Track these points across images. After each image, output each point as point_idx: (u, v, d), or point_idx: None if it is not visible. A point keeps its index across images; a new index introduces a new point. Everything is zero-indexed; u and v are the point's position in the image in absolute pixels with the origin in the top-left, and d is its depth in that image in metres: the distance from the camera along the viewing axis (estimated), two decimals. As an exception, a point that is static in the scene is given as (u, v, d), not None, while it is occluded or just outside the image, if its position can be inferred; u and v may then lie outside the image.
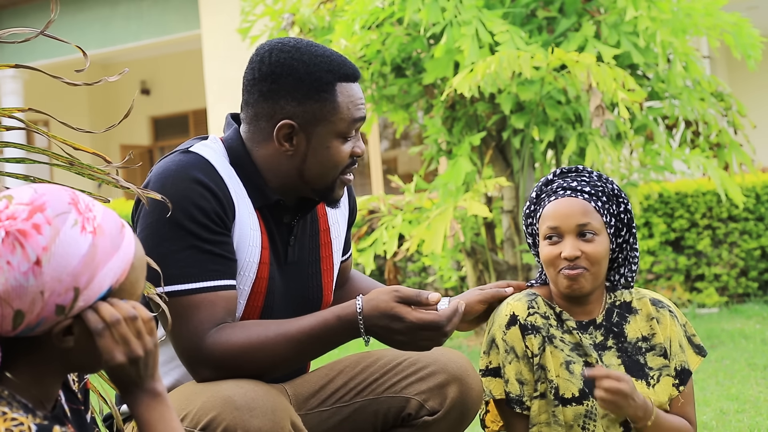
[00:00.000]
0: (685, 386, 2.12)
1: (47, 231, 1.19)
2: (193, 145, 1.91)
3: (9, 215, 1.20)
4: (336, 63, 1.88)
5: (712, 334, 5.84)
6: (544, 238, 2.08)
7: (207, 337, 1.76)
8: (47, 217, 1.20)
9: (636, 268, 2.16)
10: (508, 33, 4.93)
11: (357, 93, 1.90)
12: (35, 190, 1.23)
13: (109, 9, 11.96)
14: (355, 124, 1.90)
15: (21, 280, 1.18)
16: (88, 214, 1.24)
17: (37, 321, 1.21)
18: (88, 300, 1.23)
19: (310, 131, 1.88)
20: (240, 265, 1.87)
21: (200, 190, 1.81)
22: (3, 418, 1.16)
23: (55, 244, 1.19)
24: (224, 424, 1.66)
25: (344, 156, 1.90)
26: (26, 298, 1.19)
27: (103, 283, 1.24)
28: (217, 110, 11.18)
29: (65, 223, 1.21)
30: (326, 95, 1.86)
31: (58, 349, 1.26)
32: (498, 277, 5.74)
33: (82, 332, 1.25)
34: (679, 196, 7.53)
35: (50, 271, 1.19)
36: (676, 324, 2.15)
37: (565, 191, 2.08)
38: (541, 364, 2.07)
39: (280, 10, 6.19)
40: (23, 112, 1.72)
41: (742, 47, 5.46)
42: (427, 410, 1.93)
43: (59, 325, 1.22)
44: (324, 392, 1.98)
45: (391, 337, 1.79)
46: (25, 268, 1.18)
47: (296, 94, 1.86)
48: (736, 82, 11.66)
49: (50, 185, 1.27)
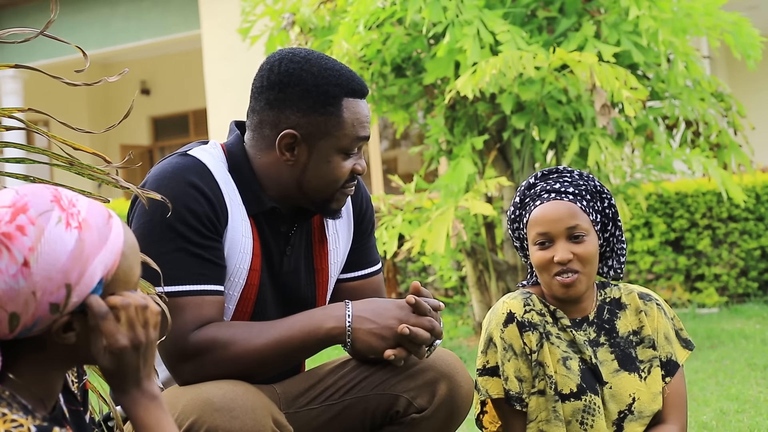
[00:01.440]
0: (672, 378, 2.14)
1: (31, 231, 1.19)
2: (192, 148, 1.92)
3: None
4: (345, 78, 1.88)
5: (712, 334, 5.84)
6: (534, 243, 2.10)
7: (191, 335, 1.78)
8: (30, 218, 1.20)
9: (624, 259, 2.19)
10: (509, 33, 4.93)
11: (363, 111, 1.90)
12: (17, 192, 1.23)
13: (109, 9, 11.95)
14: (359, 142, 1.90)
15: (11, 283, 1.18)
16: (72, 210, 1.23)
17: (33, 321, 1.21)
18: (81, 295, 1.23)
19: (312, 143, 1.88)
20: (230, 270, 1.87)
21: (194, 194, 1.81)
22: (3, 419, 1.16)
23: (41, 244, 1.19)
24: (205, 426, 1.67)
25: (344, 172, 1.90)
26: (19, 300, 1.18)
27: (95, 276, 1.23)
28: (217, 110, 11.17)
29: (49, 222, 1.20)
30: (332, 109, 1.86)
31: (60, 346, 1.25)
32: (498, 277, 5.74)
33: (83, 326, 1.25)
34: (679, 196, 7.53)
35: (39, 271, 1.19)
36: (663, 316, 2.18)
37: (549, 194, 2.09)
38: (539, 361, 2.08)
39: (281, 10, 6.18)
40: (23, 112, 1.72)
41: (742, 47, 5.45)
42: (416, 407, 1.93)
43: (57, 322, 1.22)
44: (313, 391, 1.99)
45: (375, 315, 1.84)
46: (13, 270, 1.18)
47: (302, 105, 1.86)
48: (736, 82, 11.65)
49: (32, 185, 1.26)
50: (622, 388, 2.11)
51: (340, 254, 2.07)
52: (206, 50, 11.29)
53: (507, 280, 5.71)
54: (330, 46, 5.54)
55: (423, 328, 1.83)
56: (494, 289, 5.75)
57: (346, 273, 2.11)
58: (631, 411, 2.10)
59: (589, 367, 2.10)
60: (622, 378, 2.11)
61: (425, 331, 1.83)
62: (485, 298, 5.93)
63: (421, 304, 1.85)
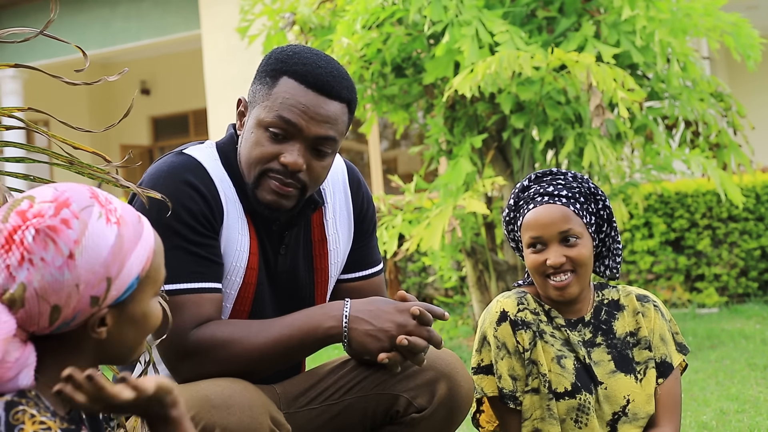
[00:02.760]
0: (666, 379, 2.13)
1: (76, 225, 1.21)
2: (187, 147, 1.92)
3: (35, 213, 1.21)
4: (302, 63, 1.84)
5: (712, 334, 5.84)
6: (528, 246, 2.11)
7: (190, 333, 1.78)
8: (74, 212, 1.22)
9: (620, 259, 2.19)
10: (507, 33, 4.93)
11: (303, 97, 1.82)
12: (55, 188, 1.26)
13: (109, 9, 11.95)
14: (281, 123, 1.82)
15: (56, 275, 1.20)
16: (110, 206, 1.26)
17: (73, 315, 1.22)
18: (119, 289, 1.25)
19: (249, 111, 1.89)
20: (227, 269, 1.87)
21: (189, 192, 1.82)
22: (32, 420, 1.17)
23: (86, 237, 1.21)
24: (202, 423, 1.67)
25: (263, 151, 1.84)
26: (62, 293, 1.20)
27: (132, 271, 1.26)
28: (217, 110, 11.17)
29: (92, 216, 1.23)
30: (269, 80, 1.86)
31: (89, 343, 1.27)
32: (498, 277, 5.74)
33: (115, 322, 1.27)
34: (679, 196, 7.53)
35: (84, 264, 1.21)
36: (660, 318, 2.18)
37: (542, 197, 2.10)
38: (532, 359, 2.08)
39: (279, 10, 6.19)
40: (23, 111, 1.72)
41: (742, 48, 5.45)
42: (415, 407, 1.93)
43: (94, 316, 1.24)
44: (313, 391, 1.99)
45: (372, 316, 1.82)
46: (59, 263, 1.20)
47: (256, 75, 1.89)
48: (735, 83, 11.65)
49: (68, 183, 1.29)
50: (616, 389, 2.10)
51: (340, 254, 2.06)
52: (206, 50, 11.29)
53: (507, 280, 5.71)
54: (330, 45, 5.54)
55: (421, 337, 1.82)
56: (494, 289, 5.75)
57: (347, 273, 2.10)
58: (625, 413, 2.09)
59: (584, 366, 2.11)
60: (618, 379, 2.11)
61: (423, 340, 1.82)
62: (485, 298, 5.93)
63: (425, 315, 1.82)
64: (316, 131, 1.84)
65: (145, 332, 1.31)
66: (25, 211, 1.22)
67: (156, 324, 1.33)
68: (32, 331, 1.22)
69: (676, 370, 2.16)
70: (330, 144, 1.86)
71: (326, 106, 1.84)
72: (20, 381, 1.20)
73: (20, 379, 1.20)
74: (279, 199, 1.87)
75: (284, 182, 1.85)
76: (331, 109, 1.84)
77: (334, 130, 1.85)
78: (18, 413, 1.17)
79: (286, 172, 1.84)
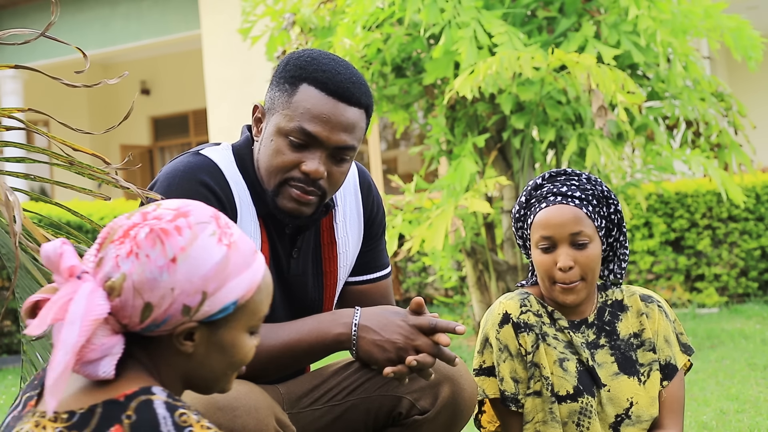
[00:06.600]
0: (670, 382, 2.12)
1: (187, 234, 1.26)
2: (204, 148, 1.92)
3: (156, 216, 1.27)
4: (322, 70, 1.83)
5: (712, 334, 5.84)
6: (537, 246, 2.08)
7: None
8: (189, 222, 1.27)
9: (625, 264, 2.17)
10: (506, 34, 4.92)
11: (324, 106, 1.81)
12: (184, 202, 1.31)
13: (109, 9, 11.96)
14: (303, 132, 1.81)
15: (156, 273, 1.23)
16: (227, 230, 1.30)
17: (164, 318, 1.25)
18: (213, 306, 1.27)
19: (268, 119, 1.88)
20: None
21: (204, 192, 1.81)
22: (199, 424, 1.21)
23: (192, 247, 1.25)
24: None
25: (284, 160, 1.83)
26: (157, 292, 1.23)
27: (230, 295, 1.28)
28: (217, 110, 11.17)
29: (204, 231, 1.27)
30: (288, 86, 1.84)
31: (178, 358, 1.29)
32: (498, 277, 5.74)
33: (203, 341, 1.29)
34: (679, 196, 7.53)
35: (183, 271, 1.24)
36: (664, 318, 2.16)
37: (555, 197, 2.07)
38: (534, 362, 2.07)
39: (281, 10, 6.18)
40: (23, 112, 1.72)
41: (742, 49, 5.45)
42: (418, 409, 1.93)
43: (182, 326, 1.26)
44: (317, 391, 1.99)
45: (381, 326, 1.81)
46: (161, 262, 1.23)
47: (273, 81, 1.87)
48: (736, 83, 11.66)
49: (198, 202, 1.33)
50: (620, 391, 2.09)
51: (349, 257, 2.05)
52: (206, 50, 11.29)
53: (507, 280, 5.71)
54: (330, 46, 5.54)
55: (429, 354, 1.81)
56: (494, 289, 5.75)
57: (355, 276, 2.09)
58: (629, 415, 2.08)
59: (587, 369, 2.09)
60: (621, 381, 2.10)
61: (431, 358, 1.81)
62: (485, 298, 5.93)
63: (442, 340, 1.81)
64: (337, 140, 1.83)
65: (231, 364, 1.33)
66: (149, 212, 1.28)
67: (244, 360, 1.34)
68: (125, 323, 1.25)
69: (680, 371, 2.14)
70: (350, 151, 1.86)
71: (346, 113, 1.83)
72: (101, 367, 1.23)
73: (102, 365, 1.23)
74: (300, 206, 1.86)
75: (306, 190, 1.85)
76: (351, 116, 1.84)
77: (354, 138, 1.86)
78: (183, 415, 1.21)
79: (307, 180, 1.84)
